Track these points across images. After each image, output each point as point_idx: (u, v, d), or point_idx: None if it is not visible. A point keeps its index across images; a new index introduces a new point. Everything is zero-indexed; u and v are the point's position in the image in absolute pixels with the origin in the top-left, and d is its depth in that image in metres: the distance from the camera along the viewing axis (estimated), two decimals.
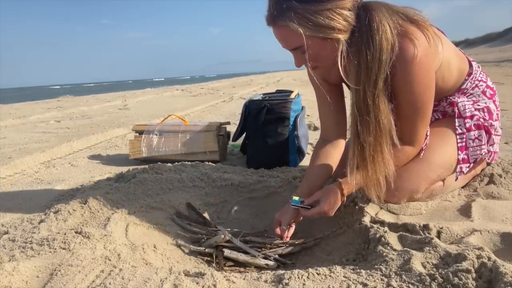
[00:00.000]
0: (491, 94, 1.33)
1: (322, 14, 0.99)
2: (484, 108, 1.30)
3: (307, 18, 0.99)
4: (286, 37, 1.06)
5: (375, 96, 1.06)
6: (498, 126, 1.33)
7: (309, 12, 0.98)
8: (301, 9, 0.99)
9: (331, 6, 0.99)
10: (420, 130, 1.17)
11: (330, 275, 0.86)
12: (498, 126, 1.33)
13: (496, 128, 1.32)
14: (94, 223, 1.22)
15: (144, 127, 2.43)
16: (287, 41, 1.07)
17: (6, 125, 4.70)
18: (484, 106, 1.30)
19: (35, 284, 0.88)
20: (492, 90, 1.34)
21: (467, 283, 0.76)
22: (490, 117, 1.29)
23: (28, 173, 2.24)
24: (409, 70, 1.07)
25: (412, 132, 1.17)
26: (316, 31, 1.01)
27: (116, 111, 6.05)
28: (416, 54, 1.05)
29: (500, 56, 15.59)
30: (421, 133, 1.18)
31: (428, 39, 1.08)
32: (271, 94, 2.38)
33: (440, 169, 1.23)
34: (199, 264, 1.13)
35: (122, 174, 1.80)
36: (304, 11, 0.98)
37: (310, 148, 2.46)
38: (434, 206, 1.25)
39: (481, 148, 1.27)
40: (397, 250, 0.93)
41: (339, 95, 1.37)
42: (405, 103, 1.13)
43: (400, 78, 1.09)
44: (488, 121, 1.28)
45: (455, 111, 1.28)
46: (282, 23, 1.02)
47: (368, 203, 1.24)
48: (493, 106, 1.32)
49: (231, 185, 1.61)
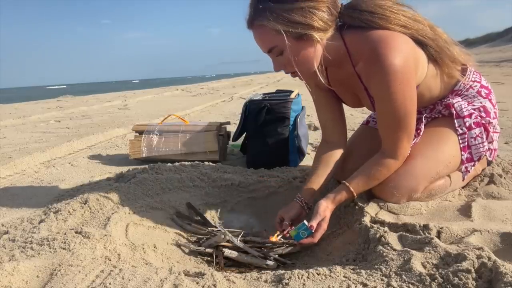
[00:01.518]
0: (486, 93, 1.33)
1: (297, 11, 1.03)
2: (480, 108, 1.30)
3: (282, 16, 1.03)
4: (264, 36, 1.09)
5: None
6: (496, 123, 1.34)
7: (284, 10, 1.03)
8: (276, 8, 1.03)
9: (305, 5, 1.03)
10: (403, 142, 1.16)
11: (330, 275, 0.86)
12: (496, 123, 1.33)
13: (494, 126, 1.32)
14: (94, 223, 1.21)
15: (144, 127, 2.43)
16: (265, 41, 1.10)
17: (6, 125, 4.70)
18: (480, 105, 1.30)
19: (35, 284, 0.88)
20: (487, 89, 1.34)
21: (467, 283, 0.76)
22: (487, 115, 1.29)
23: (28, 173, 2.24)
24: (387, 79, 1.06)
25: (395, 144, 1.16)
26: (292, 27, 1.04)
27: (116, 111, 6.05)
28: (392, 62, 1.05)
29: (500, 56, 15.59)
30: (405, 146, 1.17)
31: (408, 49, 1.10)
32: (271, 94, 2.38)
33: (438, 166, 1.23)
34: (199, 264, 1.13)
35: (122, 174, 1.80)
36: (280, 10, 1.03)
37: (310, 148, 2.46)
38: (434, 206, 1.24)
39: (483, 146, 1.27)
40: (397, 250, 0.93)
41: (335, 98, 1.39)
42: (385, 112, 1.13)
43: (377, 85, 1.10)
44: (486, 118, 1.29)
45: (452, 112, 1.27)
46: (259, 22, 1.07)
47: (368, 203, 1.24)
48: (490, 104, 1.32)
49: (231, 185, 1.61)
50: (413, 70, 1.12)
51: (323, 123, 1.41)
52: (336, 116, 1.39)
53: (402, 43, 1.10)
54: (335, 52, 1.16)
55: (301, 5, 1.03)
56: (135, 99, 8.85)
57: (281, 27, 1.04)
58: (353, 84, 1.25)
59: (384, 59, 1.06)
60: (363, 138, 1.54)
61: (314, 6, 1.05)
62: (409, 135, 1.16)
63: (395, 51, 1.06)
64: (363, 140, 1.52)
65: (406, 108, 1.11)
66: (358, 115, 3.66)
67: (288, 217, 1.23)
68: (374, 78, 1.10)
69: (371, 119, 1.59)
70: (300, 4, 1.03)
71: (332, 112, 1.38)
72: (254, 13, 1.08)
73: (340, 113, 1.40)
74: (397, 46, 1.07)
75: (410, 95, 1.11)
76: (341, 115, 1.40)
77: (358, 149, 1.46)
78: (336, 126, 1.38)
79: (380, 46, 1.07)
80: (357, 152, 1.44)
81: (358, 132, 1.61)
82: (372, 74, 1.10)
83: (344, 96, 1.38)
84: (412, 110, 1.12)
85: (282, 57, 1.12)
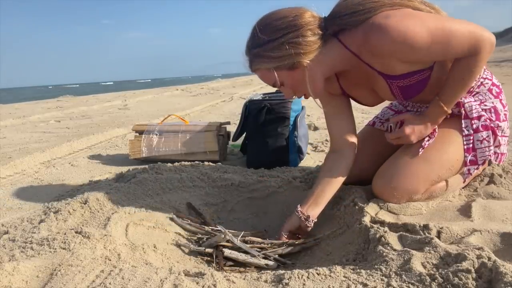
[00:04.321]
0: (497, 92, 1.31)
1: (280, 47, 1.11)
2: (491, 109, 1.28)
3: (268, 56, 1.13)
4: (263, 76, 1.20)
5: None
6: (506, 127, 1.30)
7: (268, 50, 1.12)
8: (261, 51, 1.13)
9: (285, 39, 1.10)
10: (465, 38, 1.07)
11: (330, 275, 0.86)
12: (505, 127, 1.30)
13: (503, 130, 1.29)
14: (94, 223, 1.21)
15: (144, 127, 2.43)
16: (265, 79, 1.21)
17: (6, 125, 4.70)
18: (491, 106, 1.28)
19: (35, 284, 0.88)
20: (498, 88, 1.32)
21: (467, 283, 0.76)
22: (497, 118, 1.27)
23: (28, 173, 2.24)
24: (391, 33, 1.05)
25: (464, 48, 1.08)
26: (280, 62, 1.13)
27: (116, 111, 6.05)
28: (383, 20, 1.06)
29: (500, 56, 15.59)
30: (472, 36, 1.07)
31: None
32: (271, 94, 2.38)
33: (441, 169, 1.23)
34: (199, 264, 1.13)
35: (122, 174, 1.80)
36: (265, 52, 1.13)
37: (310, 148, 2.46)
38: (434, 206, 1.24)
39: (489, 149, 1.25)
40: (397, 250, 0.93)
41: (346, 105, 1.38)
42: (431, 50, 1.08)
43: (392, 45, 1.07)
44: (495, 122, 1.26)
45: (461, 111, 1.26)
46: (254, 67, 1.19)
47: (368, 203, 1.24)
48: (500, 105, 1.30)
49: (231, 185, 1.61)
50: (415, 13, 1.10)
51: (334, 132, 1.37)
52: (347, 125, 1.36)
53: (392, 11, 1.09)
54: (341, 58, 1.17)
55: (281, 41, 1.10)
56: (135, 99, 8.85)
57: (271, 65, 1.14)
58: (369, 78, 1.24)
59: (376, 25, 1.06)
60: (368, 141, 1.49)
61: (294, 36, 1.09)
62: (463, 29, 1.07)
63: (383, 17, 1.07)
64: (368, 143, 1.48)
65: (435, 25, 1.06)
66: (357, 115, 3.66)
67: (285, 229, 1.24)
68: (383, 46, 1.08)
69: (377, 120, 1.56)
70: (280, 40, 1.10)
71: (343, 120, 1.37)
72: (249, 60, 1.19)
73: (351, 122, 1.37)
74: (385, 15, 1.08)
75: (424, 16, 1.08)
76: (351, 123, 1.37)
77: (363, 152, 1.40)
78: (346, 135, 1.34)
79: (370, 25, 1.08)
80: (362, 156, 1.39)
81: (362, 134, 1.56)
82: (378, 46, 1.08)
83: (362, 97, 1.36)
84: (441, 20, 1.08)
85: (286, 86, 1.20)
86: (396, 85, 1.21)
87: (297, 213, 1.23)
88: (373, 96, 1.35)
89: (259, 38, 1.12)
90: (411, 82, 1.19)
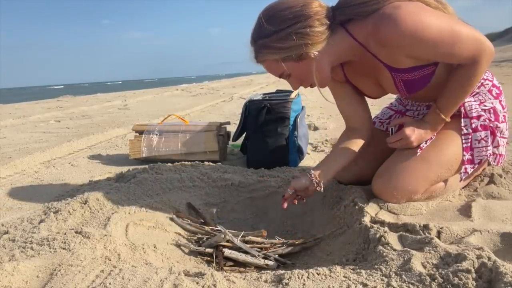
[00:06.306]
0: (497, 93, 1.31)
1: (287, 38, 1.09)
2: (491, 109, 1.28)
3: (275, 46, 1.11)
4: (269, 67, 1.19)
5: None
6: (505, 128, 1.30)
7: (276, 41, 1.10)
8: (268, 41, 1.11)
9: (292, 30, 1.08)
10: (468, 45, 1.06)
11: (330, 275, 0.86)
12: (504, 128, 1.30)
13: (502, 131, 1.29)
14: (94, 223, 1.21)
15: (144, 127, 2.43)
16: (271, 71, 1.20)
17: (6, 125, 4.70)
18: (490, 107, 1.28)
19: (35, 284, 0.88)
20: (498, 90, 1.33)
21: (467, 283, 0.76)
22: (496, 119, 1.27)
23: (28, 173, 2.24)
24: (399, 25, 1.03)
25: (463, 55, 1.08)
26: (287, 53, 1.12)
27: (116, 111, 6.05)
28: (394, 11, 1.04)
29: (500, 56, 15.57)
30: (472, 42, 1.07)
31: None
32: (271, 94, 2.38)
33: (440, 169, 1.23)
34: (199, 264, 1.13)
35: (122, 174, 1.80)
36: (272, 42, 1.11)
37: (310, 148, 2.46)
38: (434, 206, 1.24)
39: (486, 150, 1.25)
40: (397, 250, 0.93)
41: (354, 88, 1.38)
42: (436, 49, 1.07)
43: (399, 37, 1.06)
44: (494, 122, 1.26)
45: (461, 110, 1.26)
46: (260, 58, 1.17)
47: (368, 203, 1.24)
48: (499, 106, 1.29)
49: (231, 185, 1.61)
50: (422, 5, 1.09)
51: (346, 114, 1.40)
52: (357, 103, 1.38)
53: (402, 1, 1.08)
54: (348, 49, 1.17)
55: (288, 31, 1.08)
56: (135, 99, 8.85)
57: (278, 56, 1.13)
58: (374, 69, 1.24)
59: (387, 15, 1.05)
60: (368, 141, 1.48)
61: (301, 26, 1.08)
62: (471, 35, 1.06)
63: (393, 8, 1.06)
64: (368, 143, 1.46)
65: (445, 25, 1.05)
66: None
67: (293, 187, 1.26)
68: (392, 37, 1.07)
69: (377, 120, 1.56)
70: (288, 31, 1.08)
71: (353, 99, 1.38)
72: (255, 51, 1.17)
73: (362, 101, 1.38)
74: (396, 5, 1.06)
75: (436, 14, 1.07)
76: (363, 103, 1.38)
77: (363, 152, 1.39)
78: (357, 112, 1.37)
79: (380, 15, 1.07)
80: (362, 156, 1.38)
81: None
82: (388, 36, 1.07)
83: (365, 87, 1.36)
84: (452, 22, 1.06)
85: (293, 77, 1.20)
86: (401, 78, 1.20)
87: (310, 175, 1.26)
88: (376, 88, 1.35)
89: (265, 28, 1.10)
90: (415, 76, 1.19)
